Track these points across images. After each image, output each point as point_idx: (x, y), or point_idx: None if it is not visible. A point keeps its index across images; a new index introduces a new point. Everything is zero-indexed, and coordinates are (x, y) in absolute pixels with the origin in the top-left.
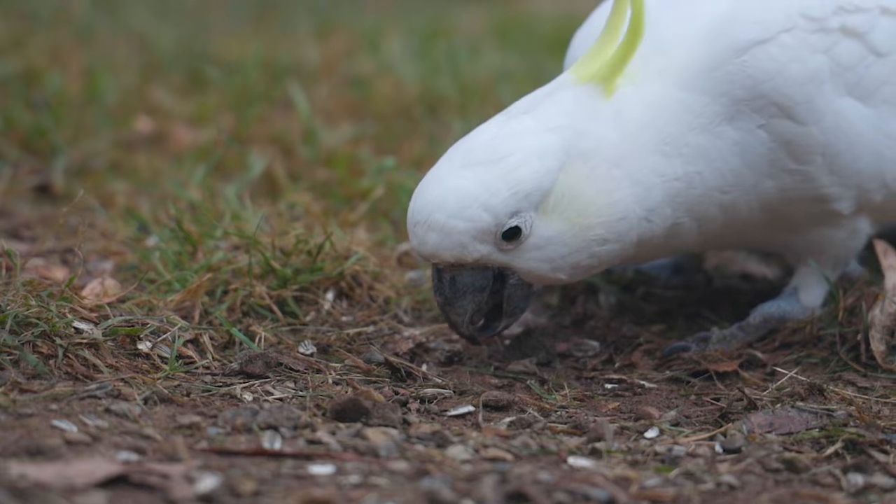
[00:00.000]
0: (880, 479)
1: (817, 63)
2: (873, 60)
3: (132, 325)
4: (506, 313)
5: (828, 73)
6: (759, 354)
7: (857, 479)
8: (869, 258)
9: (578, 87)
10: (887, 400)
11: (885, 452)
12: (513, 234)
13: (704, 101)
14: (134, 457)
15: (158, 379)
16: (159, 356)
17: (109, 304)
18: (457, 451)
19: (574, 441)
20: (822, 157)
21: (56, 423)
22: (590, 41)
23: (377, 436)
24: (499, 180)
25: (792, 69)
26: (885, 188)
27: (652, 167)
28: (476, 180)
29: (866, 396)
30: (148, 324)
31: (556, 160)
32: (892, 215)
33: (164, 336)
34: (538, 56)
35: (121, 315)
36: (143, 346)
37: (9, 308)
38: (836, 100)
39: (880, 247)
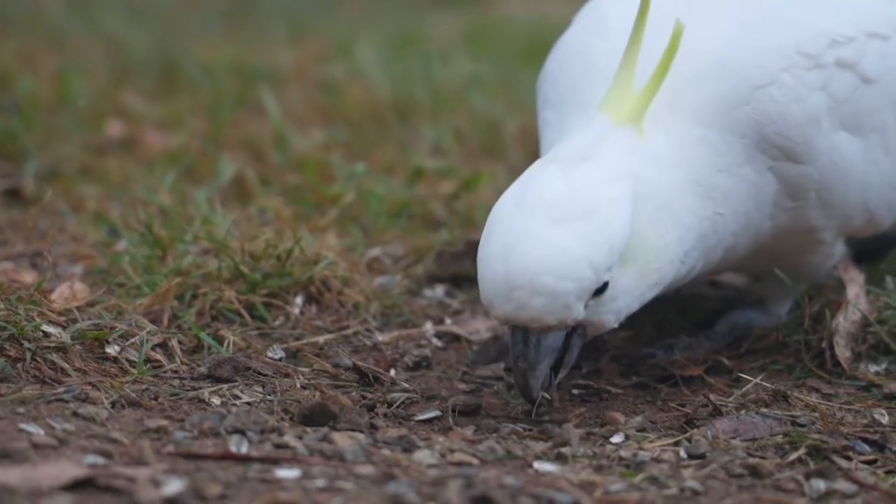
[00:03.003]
0: (842, 485)
1: (816, 101)
2: (864, 90)
3: (100, 329)
4: (564, 366)
5: (825, 110)
6: (724, 361)
7: (820, 484)
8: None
9: (619, 128)
10: (850, 406)
11: (848, 458)
12: (602, 290)
13: (729, 140)
14: (101, 460)
15: (126, 383)
16: (127, 360)
17: (78, 308)
18: (423, 456)
19: (540, 446)
20: (815, 192)
21: (23, 426)
22: (565, 66)
23: (344, 440)
24: (597, 234)
25: (793, 110)
26: (866, 213)
27: (689, 208)
28: (577, 237)
29: (830, 403)
30: (116, 327)
31: (630, 209)
32: (864, 231)
33: (132, 340)
34: (510, 62)
35: (89, 319)
36: (112, 350)
37: None
38: (832, 136)
39: (841, 262)
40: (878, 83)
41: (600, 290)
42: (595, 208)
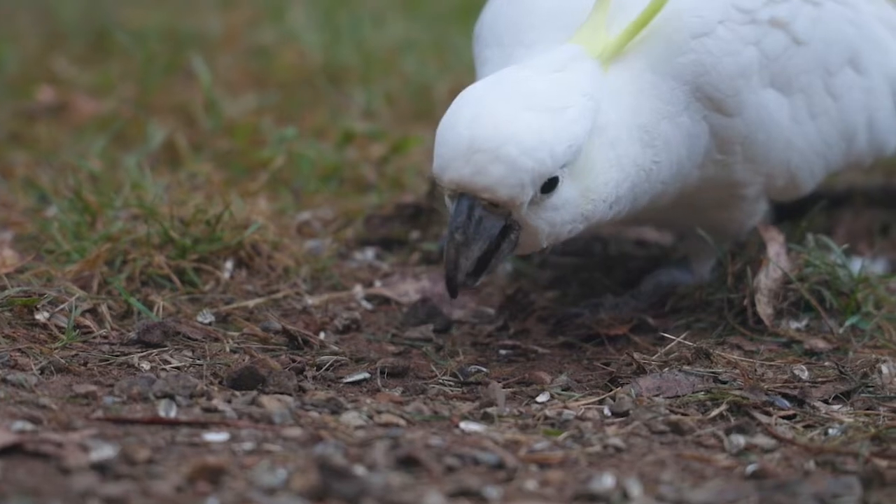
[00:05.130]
0: (761, 440)
1: (748, 56)
2: (795, 50)
3: (30, 296)
4: (489, 267)
5: (756, 65)
6: (649, 320)
7: (739, 439)
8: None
9: (590, 59)
10: (772, 363)
11: (768, 414)
12: (550, 187)
13: (672, 86)
14: (29, 426)
15: (55, 349)
16: (57, 326)
17: (7, 275)
18: (350, 418)
19: (467, 406)
20: (741, 146)
21: None
22: (506, 8)
23: (272, 403)
24: (564, 128)
25: (725, 63)
26: (788, 174)
27: (632, 155)
28: (546, 124)
29: (751, 360)
30: (46, 294)
31: (591, 123)
32: (786, 194)
33: (61, 306)
34: (443, 25)
35: (18, 285)
36: (41, 317)
37: None
38: (760, 91)
39: (760, 224)
40: (808, 46)
41: (550, 186)
42: (566, 107)
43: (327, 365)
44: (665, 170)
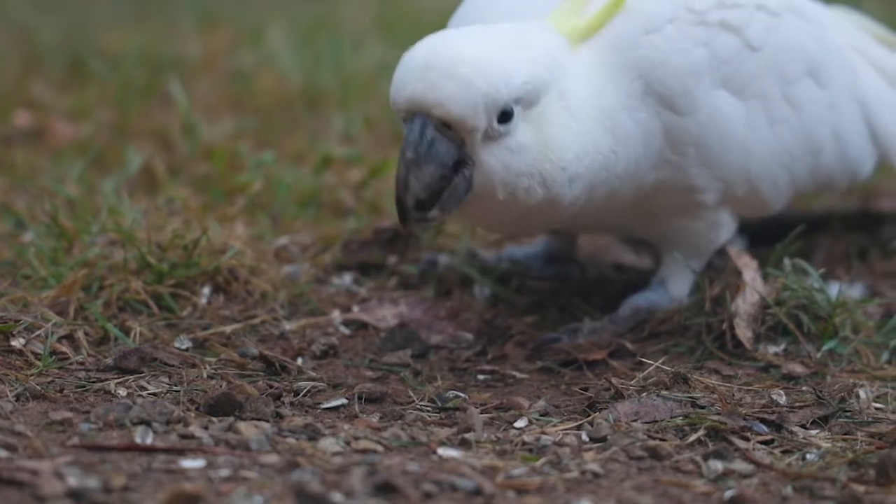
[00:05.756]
0: (739, 465)
1: (698, 55)
2: (748, 55)
3: (6, 322)
4: (442, 201)
5: (706, 66)
6: (627, 344)
7: (717, 465)
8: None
9: (560, 35)
10: (749, 387)
11: (746, 439)
12: (505, 119)
13: (630, 78)
14: (4, 454)
15: (31, 375)
16: (33, 352)
17: None
18: (328, 444)
19: (444, 432)
20: (694, 148)
21: None
22: (471, 9)
23: (249, 429)
24: (522, 63)
25: (674, 60)
26: (747, 182)
27: (593, 135)
28: (504, 54)
29: (729, 384)
30: (22, 320)
31: (552, 77)
32: (753, 209)
33: (38, 332)
34: None
35: None
36: (17, 343)
37: None
38: (712, 92)
39: (733, 250)
40: (763, 52)
41: (504, 119)
42: (526, 47)
43: (305, 391)
44: (622, 163)
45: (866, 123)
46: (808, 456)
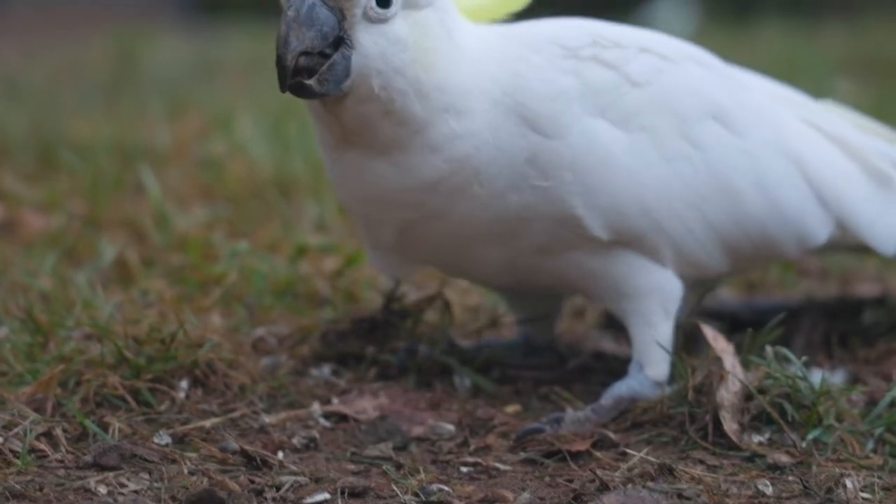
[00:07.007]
0: None
1: (565, 83)
2: (629, 89)
3: None
4: (321, 73)
5: (577, 93)
6: (611, 434)
7: None
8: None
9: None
10: (735, 478)
11: None
12: (384, 3)
13: (504, 89)
14: None
15: (10, 474)
16: (11, 450)
17: None
18: None
19: None
20: (571, 173)
21: None
22: None
23: None
24: None
25: (536, 86)
26: (647, 216)
27: (467, 84)
28: None
29: (715, 475)
30: None
31: None
32: (682, 261)
33: (15, 430)
34: None
35: None
36: None
37: None
38: (586, 118)
39: (709, 333)
40: (648, 88)
41: (384, 2)
42: None
43: (287, 485)
44: (481, 162)
45: (809, 185)
46: None
